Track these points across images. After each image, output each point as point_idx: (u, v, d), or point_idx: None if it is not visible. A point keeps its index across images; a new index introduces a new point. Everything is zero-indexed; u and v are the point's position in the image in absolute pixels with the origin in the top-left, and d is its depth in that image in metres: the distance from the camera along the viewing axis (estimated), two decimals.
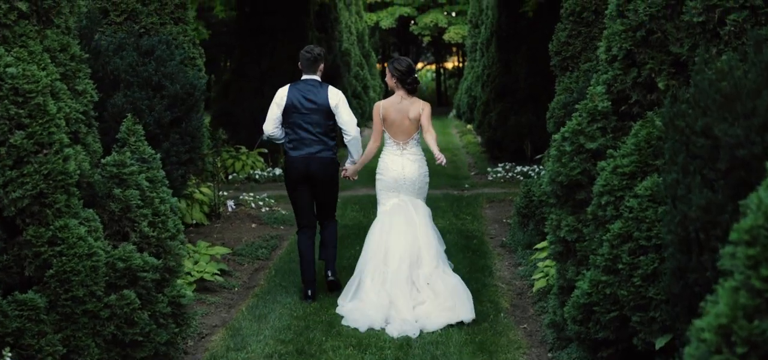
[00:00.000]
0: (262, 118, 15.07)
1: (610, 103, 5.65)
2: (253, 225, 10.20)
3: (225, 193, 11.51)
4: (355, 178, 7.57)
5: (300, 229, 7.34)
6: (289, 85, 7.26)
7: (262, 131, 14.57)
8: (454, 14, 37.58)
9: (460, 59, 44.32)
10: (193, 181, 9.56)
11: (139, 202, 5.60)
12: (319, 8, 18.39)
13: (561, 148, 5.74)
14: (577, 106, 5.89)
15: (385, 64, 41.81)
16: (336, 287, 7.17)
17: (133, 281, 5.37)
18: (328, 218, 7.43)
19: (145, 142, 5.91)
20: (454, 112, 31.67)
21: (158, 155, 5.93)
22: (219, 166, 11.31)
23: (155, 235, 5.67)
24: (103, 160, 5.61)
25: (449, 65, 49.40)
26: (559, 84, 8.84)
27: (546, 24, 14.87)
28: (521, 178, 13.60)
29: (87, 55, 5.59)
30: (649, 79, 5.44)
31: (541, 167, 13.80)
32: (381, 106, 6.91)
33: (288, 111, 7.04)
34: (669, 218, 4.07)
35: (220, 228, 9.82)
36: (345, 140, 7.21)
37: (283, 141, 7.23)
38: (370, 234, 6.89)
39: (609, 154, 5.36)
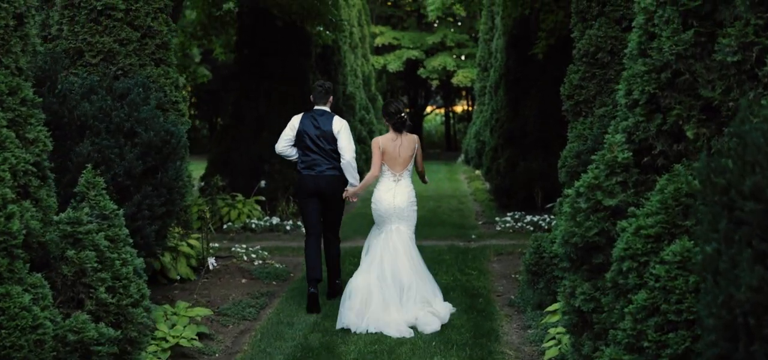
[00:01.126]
0: (260, 164, 14.59)
1: (631, 153, 4.98)
2: (244, 280, 9.51)
3: (216, 245, 10.84)
4: (355, 199, 8.74)
5: (308, 236, 8.45)
6: (302, 113, 8.49)
7: (260, 178, 14.03)
8: (462, 57, 37.13)
9: (469, 103, 43.82)
10: (178, 232, 8.90)
11: (95, 264, 4.94)
12: (321, 51, 17.83)
13: (576, 205, 5.05)
14: (593, 156, 5.22)
15: None
16: (338, 293, 8.18)
17: (85, 356, 4.69)
18: (332, 235, 8.53)
19: (107, 197, 5.25)
20: (462, 157, 31.02)
21: (121, 211, 5.27)
22: (209, 215, 10.65)
23: (115, 301, 5.01)
24: (56, 218, 4.95)
25: (458, 109, 48.89)
26: (571, 130, 8.17)
27: (556, 66, 14.26)
28: (531, 228, 12.90)
29: (41, 100, 4.95)
30: (675, 126, 4.76)
31: (551, 217, 13.12)
32: (380, 141, 7.90)
33: (300, 135, 8.26)
34: (709, 297, 3.35)
35: (208, 283, 9.13)
36: (341, 163, 8.17)
37: (294, 159, 8.43)
38: (361, 265, 7.87)
39: (630, 213, 4.68)
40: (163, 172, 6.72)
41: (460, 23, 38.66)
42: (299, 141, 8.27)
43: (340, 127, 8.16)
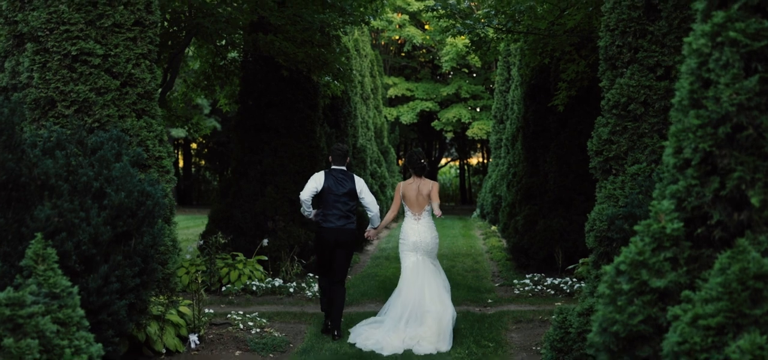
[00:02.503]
0: (265, 220, 13.79)
1: (681, 223, 4.12)
2: (238, 352, 8.65)
3: (211, 311, 9.98)
4: (375, 237, 10.70)
5: (321, 276, 9.63)
6: (323, 172, 9.25)
7: (263, 236, 13.23)
8: (477, 109, 36.47)
9: (485, 155, 43.10)
10: (163, 300, 8.06)
11: (38, 356, 4.11)
12: (330, 102, 17.11)
13: (616, 286, 4.19)
14: (636, 227, 4.37)
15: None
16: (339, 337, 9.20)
17: None
18: (339, 279, 9.33)
19: (59, 272, 4.44)
20: (477, 211, 30.12)
21: (76, 289, 4.45)
22: (201, 280, 9.81)
23: None
24: None
25: (473, 161, 48.17)
26: (600, 190, 7.33)
27: (579, 119, 13.49)
28: (552, 292, 11.99)
29: None
30: (736, 191, 3.91)
31: (573, 279, 12.23)
32: (401, 186, 9.18)
33: (324, 193, 9.06)
34: None
35: (198, 356, 8.27)
36: (368, 215, 9.43)
37: (311, 217, 9.35)
38: (397, 288, 9.24)
39: (684, 297, 3.82)
40: (137, 238, 5.89)
41: (475, 74, 38.07)
42: (321, 197, 9.10)
43: (361, 186, 9.20)
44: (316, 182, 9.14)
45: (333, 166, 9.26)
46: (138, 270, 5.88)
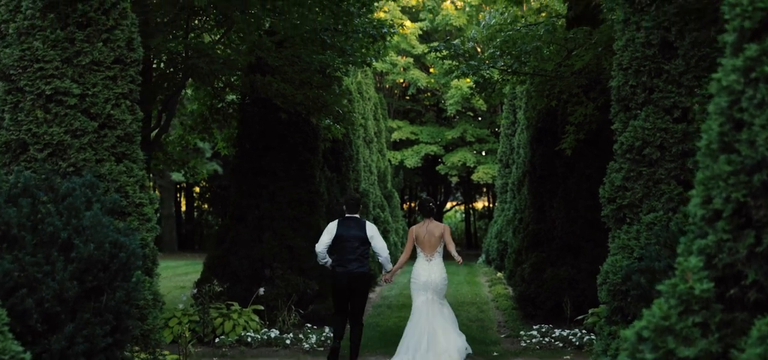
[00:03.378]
0: (262, 268, 13.29)
1: (712, 283, 3.62)
2: None
3: None
4: (392, 281, 11.57)
5: (337, 314, 9.94)
6: (337, 221, 9.77)
7: (260, 283, 12.76)
8: (483, 153, 36.06)
9: (490, 200, 42.63)
10: (146, 356, 7.54)
11: None
12: (331, 145, 16.66)
13: (637, 355, 3.68)
14: (660, 286, 3.88)
15: (411, 204, 40.85)
16: None
17: None
18: (357, 319, 9.80)
19: (10, 336, 3.94)
20: (483, 257, 29.54)
21: (28, 355, 3.95)
22: (188, 334, 9.29)
23: None
24: None
25: (479, 205, 47.69)
26: (613, 239, 6.83)
27: (587, 163, 13.00)
28: (560, 344, 11.42)
29: None
30: None
31: (582, 331, 11.67)
32: (414, 229, 9.56)
33: (337, 240, 9.57)
34: None
35: None
36: (379, 259, 9.88)
37: (327, 264, 9.81)
38: (409, 323, 9.51)
39: None
40: (109, 294, 5.39)
41: (480, 118, 37.71)
42: (335, 243, 9.61)
43: (372, 231, 9.69)
44: (329, 233, 9.72)
45: (346, 215, 9.84)
46: (109, 328, 5.37)
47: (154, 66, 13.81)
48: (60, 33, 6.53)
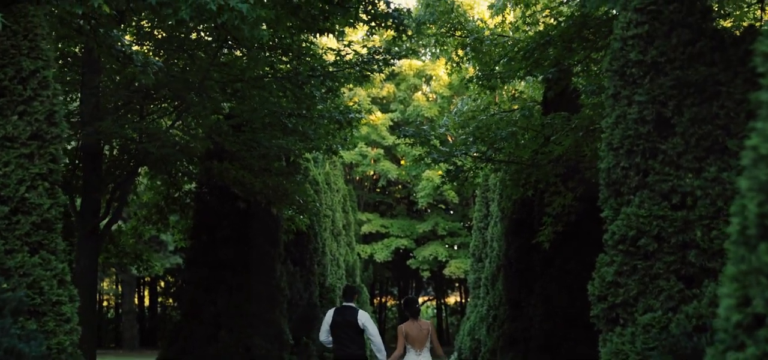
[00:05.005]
0: None
1: None
2: None
3: None
4: None
5: None
6: (333, 308, 10.00)
7: None
8: (455, 247, 35.25)
9: (463, 295, 41.71)
10: None
11: None
12: (294, 237, 15.76)
13: None
14: None
15: (382, 299, 39.93)
16: None
17: None
18: None
19: None
20: (455, 355, 28.42)
21: None
22: None
23: None
24: None
25: (451, 300, 46.70)
26: (604, 343, 5.96)
27: (566, 257, 12.18)
28: None
29: None
30: None
31: None
32: (403, 327, 9.56)
33: (334, 326, 9.77)
34: None
35: None
36: (372, 347, 9.97)
37: (328, 344, 9.94)
38: None
39: None
40: None
41: (452, 211, 37.04)
42: (333, 329, 9.87)
43: (364, 319, 9.95)
44: (326, 322, 10.12)
45: (343, 303, 10.22)
46: None
47: (106, 152, 12.97)
48: None
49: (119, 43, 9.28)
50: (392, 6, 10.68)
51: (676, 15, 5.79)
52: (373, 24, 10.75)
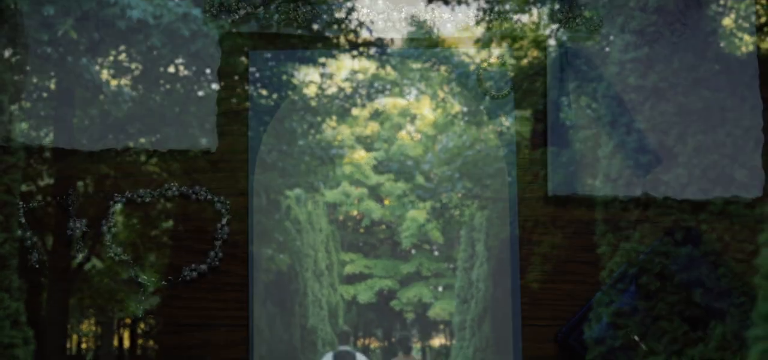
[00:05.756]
0: None
1: None
2: None
3: None
4: None
5: None
6: (333, 353, 10.69)
7: None
8: (440, 288, 34.99)
9: (448, 337, 41.38)
10: None
11: None
12: (274, 277, 15.46)
13: None
14: None
15: (365, 341, 40.10)
16: None
17: None
18: None
19: None
20: None
21: None
22: None
23: None
24: None
25: (435, 343, 46.38)
26: None
27: None
28: None
29: None
30: None
31: None
32: None
33: None
34: None
35: None
36: None
37: None
38: None
39: None
40: None
41: (437, 252, 36.77)
42: None
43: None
44: None
45: (340, 347, 10.93)
46: None
47: (80, 188, 12.70)
48: None
49: (88, 73, 9.00)
50: (374, 35, 10.52)
51: (678, 37, 5.54)
52: (354, 53, 10.54)
